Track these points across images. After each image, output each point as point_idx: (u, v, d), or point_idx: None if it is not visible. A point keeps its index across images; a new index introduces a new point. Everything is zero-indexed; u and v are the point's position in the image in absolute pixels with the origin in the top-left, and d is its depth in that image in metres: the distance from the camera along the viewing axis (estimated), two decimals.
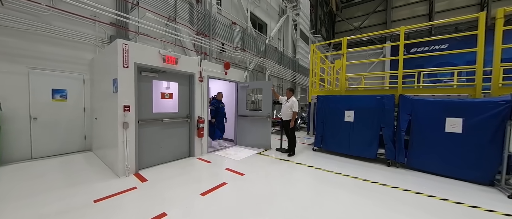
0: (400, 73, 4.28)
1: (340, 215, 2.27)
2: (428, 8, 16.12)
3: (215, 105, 5.06)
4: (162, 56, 3.59)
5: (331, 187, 3.02)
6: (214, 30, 7.24)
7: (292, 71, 12.26)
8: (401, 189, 2.97)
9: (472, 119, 3.27)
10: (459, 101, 3.44)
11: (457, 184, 3.21)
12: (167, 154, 3.95)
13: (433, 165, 3.59)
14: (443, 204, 2.58)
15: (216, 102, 5.13)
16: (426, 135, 3.66)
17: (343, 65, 5.08)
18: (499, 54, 3.52)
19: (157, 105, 4.18)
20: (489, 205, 2.54)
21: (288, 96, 4.74)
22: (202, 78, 4.34)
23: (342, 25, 20.16)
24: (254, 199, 2.57)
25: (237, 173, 3.48)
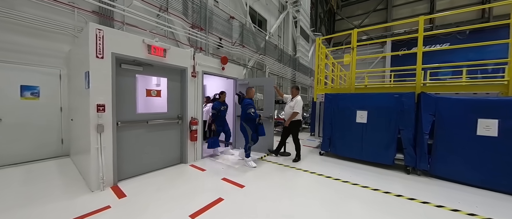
0: (419, 68, 3.80)
1: None
2: (429, 6, 15.86)
3: (216, 109, 4.22)
4: (147, 46, 3.04)
5: (350, 203, 2.51)
6: (210, 23, 6.70)
7: (292, 69, 11.78)
8: (433, 205, 2.47)
9: (506, 122, 2.80)
10: (494, 99, 2.97)
11: (496, 197, 2.74)
12: (154, 162, 3.39)
13: (462, 173, 3.11)
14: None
15: (218, 104, 4.27)
16: (453, 139, 3.18)
17: (353, 60, 4.59)
18: None
19: (142, 104, 3.63)
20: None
21: (294, 94, 4.22)
22: (195, 73, 3.80)
23: (342, 23, 19.79)
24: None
25: (236, 184, 2.95)
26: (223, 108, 4.34)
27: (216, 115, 4.25)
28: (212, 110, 4.21)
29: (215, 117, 4.23)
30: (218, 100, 4.38)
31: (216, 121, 4.28)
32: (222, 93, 4.40)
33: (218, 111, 4.24)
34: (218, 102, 4.33)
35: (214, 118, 4.23)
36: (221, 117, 4.33)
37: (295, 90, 4.22)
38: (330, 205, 2.43)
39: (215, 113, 4.21)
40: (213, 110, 4.20)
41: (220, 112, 4.28)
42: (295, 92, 4.21)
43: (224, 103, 4.40)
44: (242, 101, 3.85)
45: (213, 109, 4.21)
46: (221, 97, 4.38)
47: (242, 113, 3.85)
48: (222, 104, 4.34)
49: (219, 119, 4.31)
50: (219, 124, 4.34)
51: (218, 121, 4.31)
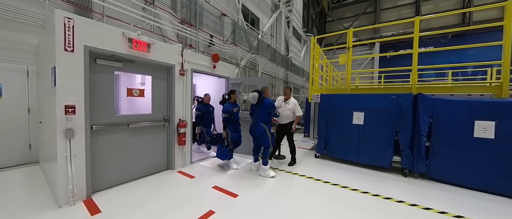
0: (415, 69, 3.76)
1: None
2: (414, 11, 16.46)
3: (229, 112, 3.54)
4: (128, 39, 2.70)
5: (351, 213, 2.34)
6: (201, 19, 6.36)
7: (285, 69, 11.67)
8: (436, 211, 2.37)
9: (507, 123, 2.78)
10: (490, 101, 2.95)
11: (496, 200, 2.69)
12: (137, 169, 3.05)
13: (460, 176, 3.07)
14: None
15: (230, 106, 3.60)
16: (450, 141, 3.14)
17: (349, 60, 4.49)
18: None
19: (122, 105, 3.26)
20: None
21: (288, 95, 4.01)
22: (183, 71, 3.48)
23: (333, 25, 20.08)
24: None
25: (228, 193, 2.69)
26: (235, 110, 3.65)
27: (229, 119, 3.52)
28: (224, 113, 3.47)
29: (228, 121, 3.51)
30: (228, 101, 3.68)
31: (229, 126, 3.57)
32: (233, 92, 3.70)
33: (230, 114, 3.50)
34: (229, 103, 3.61)
35: (227, 122, 3.51)
36: (233, 121, 3.63)
37: (289, 90, 4.02)
38: (330, 214, 2.25)
39: (227, 116, 3.47)
40: (225, 114, 3.46)
41: (233, 115, 3.56)
42: (289, 93, 4.00)
43: (235, 104, 3.75)
44: (263, 101, 3.38)
45: (225, 112, 3.47)
46: (232, 97, 3.68)
47: (263, 115, 3.37)
48: (233, 105, 3.65)
49: (232, 123, 3.60)
50: (233, 129, 3.63)
51: (231, 125, 3.60)
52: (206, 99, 4.46)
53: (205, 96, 4.47)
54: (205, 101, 4.44)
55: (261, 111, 3.40)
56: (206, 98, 4.47)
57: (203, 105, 4.38)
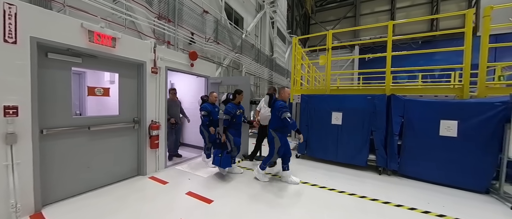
0: (388, 71, 3.93)
1: None
2: (389, 17, 17.58)
3: (231, 113, 3.26)
4: (88, 31, 2.41)
5: (328, 211, 2.33)
6: (180, 15, 6.05)
7: (269, 69, 11.69)
8: (407, 208, 2.45)
9: (467, 122, 2.99)
10: (454, 102, 3.17)
11: (454, 193, 2.88)
12: (100, 177, 2.75)
13: (428, 172, 3.25)
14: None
15: (233, 107, 3.31)
16: (419, 140, 3.31)
17: (328, 61, 4.57)
18: (485, 54, 3.37)
19: (82, 106, 2.95)
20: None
21: None
22: (156, 69, 3.24)
23: (316, 27, 20.66)
24: None
25: (203, 199, 2.53)
26: (239, 112, 3.37)
27: (231, 122, 3.25)
28: (226, 115, 3.21)
29: (229, 124, 3.24)
30: (231, 101, 3.36)
31: (230, 130, 3.27)
32: (239, 93, 3.38)
33: (232, 116, 3.24)
34: (232, 104, 3.31)
35: (228, 125, 3.23)
36: (236, 124, 3.35)
37: (273, 91, 3.96)
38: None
39: (229, 119, 3.21)
40: (227, 115, 3.20)
41: (235, 117, 3.29)
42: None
43: (239, 106, 3.43)
44: (274, 104, 3.01)
45: (227, 113, 3.21)
46: (237, 97, 3.36)
47: (274, 120, 3.02)
48: (237, 106, 3.34)
49: (234, 127, 3.31)
50: (236, 133, 3.34)
51: (232, 129, 3.29)
52: (212, 98, 3.81)
53: (211, 94, 3.83)
54: (211, 100, 3.80)
55: (273, 115, 3.07)
56: (212, 96, 3.82)
57: (208, 105, 3.73)
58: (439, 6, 15.13)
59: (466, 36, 3.44)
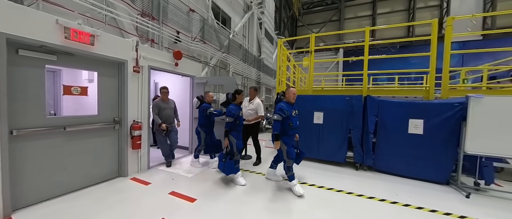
0: (365, 73, 4.20)
1: None
2: (371, 22, 18.55)
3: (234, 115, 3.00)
4: (64, 28, 2.33)
5: (305, 207, 2.47)
6: (165, 13, 5.93)
7: (257, 70, 11.81)
8: (377, 200, 2.67)
9: (431, 121, 3.32)
10: (421, 102, 3.48)
11: (420, 185, 3.19)
12: (78, 179, 2.65)
13: (398, 166, 3.54)
14: (405, 210, 2.42)
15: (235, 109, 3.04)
16: (391, 137, 3.60)
17: (311, 63, 4.77)
18: (448, 60, 3.74)
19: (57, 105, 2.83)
20: (447, 208, 2.48)
21: (252, 96, 4.02)
22: (138, 68, 3.18)
23: (303, 30, 21.21)
24: None
25: (186, 198, 2.55)
26: (241, 114, 3.15)
27: (234, 124, 2.98)
28: (228, 117, 2.95)
29: (231, 126, 2.98)
30: (233, 102, 3.11)
31: (232, 132, 3.00)
32: (239, 93, 3.11)
33: (236, 118, 2.97)
34: (234, 105, 3.05)
35: (231, 128, 2.99)
36: (238, 126, 3.08)
37: (254, 91, 4.05)
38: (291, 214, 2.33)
39: (232, 121, 2.95)
40: (230, 118, 2.94)
41: (238, 119, 3.03)
42: (254, 94, 4.01)
43: (240, 107, 3.20)
44: (275, 106, 2.87)
45: (230, 115, 2.93)
46: (238, 98, 3.09)
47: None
48: (239, 108, 3.10)
49: (236, 129, 3.04)
50: (238, 136, 3.07)
51: (234, 132, 3.02)
52: (208, 98, 3.72)
53: (207, 94, 3.75)
54: (207, 100, 3.71)
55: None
56: (208, 96, 3.73)
57: (208, 104, 3.68)
58: (415, 14, 16.27)
59: (432, 43, 3.80)
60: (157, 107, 3.56)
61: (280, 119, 2.69)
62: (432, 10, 16.21)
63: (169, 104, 3.73)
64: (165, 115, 3.60)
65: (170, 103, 3.75)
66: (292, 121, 2.76)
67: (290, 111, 2.75)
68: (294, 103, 2.86)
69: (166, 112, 3.62)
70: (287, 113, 2.70)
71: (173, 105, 3.80)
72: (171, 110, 3.73)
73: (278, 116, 2.67)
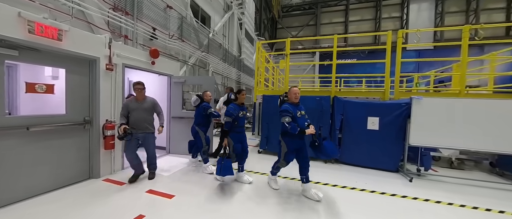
0: (334, 76, 4.68)
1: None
2: (344, 29, 20.05)
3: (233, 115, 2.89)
4: (27, 22, 2.19)
5: (281, 198, 2.73)
6: (140, 9, 5.72)
7: (237, 70, 11.93)
8: (340, 187, 3.07)
9: (385, 118, 3.88)
10: (377, 103, 4.03)
11: (375, 173, 3.71)
12: (43, 181, 2.50)
13: (360, 158, 4.04)
14: (362, 195, 2.87)
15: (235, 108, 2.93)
16: (353, 133, 4.09)
17: (287, 66, 5.11)
18: (399, 66, 4.38)
19: (19, 104, 2.65)
20: (394, 190, 3.00)
21: None
22: (112, 66, 3.09)
23: (282, 32, 21.93)
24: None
25: (164, 195, 2.61)
26: (241, 114, 2.97)
27: (232, 125, 2.88)
28: (226, 117, 2.84)
29: (230, 127, 2.88)
30: (233, 102, 3.00)
31: (231, 134, 2.90)
32: (240, 92, 2.99)
33: (234, 119, 2.86)
34: (234, 104, 2.93)
35: (229, 128, 2.87)
36: (238, 128, 2.96)
37: (230, 91, 4.20)
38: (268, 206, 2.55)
39: (230, 121, 2.84)
40: (228, 117, 2.82)
41: (237, 120, 2.91)
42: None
43: (242, 107, 3.04)
44: (280, 107, 2.75)
45: (228, 115, 2.83)
46: (239, 97, 2.98)
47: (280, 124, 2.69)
48: (240, 107, 2.98)
49: (235, 130, 2.93)
50: (237, 138, 2.94)
51: (234, 133, 2.92)
52: (207, 97, 3.63)
53: (205, 94, 3.65)
54: (206, 99, 3.62)
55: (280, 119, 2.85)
56: (206, 96, 3.63)
57: (208, 104, 3.62)
58: (380, 23, 18.03)
59: (387, 52, 4.40)
60: (126, 108, 2.90)
61: (291, 121, 2.58)
62: (394, 21, 18.13)
63: (144, 104, 3.00)
64: (136, 117, 2.91)
65: (145, 103, 3.03)
66: (298, 122, 2.65)
67: (295, 111, 2.65)
68: (299, 104, 2.75)
69: (137, 114, 2.92)
70: (292, 113, 2.61)
71: (149, 106, 3.05)
72: (146, 111, 3.01)
73: (288, 118, 2.55)
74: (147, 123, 3.04)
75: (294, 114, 2.64)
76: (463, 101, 3.41)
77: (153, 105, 3.13)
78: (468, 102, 3.37)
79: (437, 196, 2.87)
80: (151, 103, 3.12)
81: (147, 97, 3.12)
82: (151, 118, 3.12)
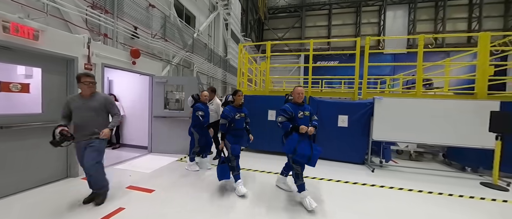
0: (310, 78, 5.05)
1: None
2: (327, 32, 20.96)
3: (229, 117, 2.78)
4: (2, 22, 2.20)
5: (260, 187, 2.97)
6: (121, 7, 5.66)
7: (223, 70, 12.03)
8: (311, 178, 3.39)
9: (353, 116, 4.30)
10: (346, 102, 4.46)
11: (344, 166, 4.12)
12: (18, 180, 2.50)
13: (331, 153, 4.42)
14: (331, 184, 3.22)
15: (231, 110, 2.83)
16: (326, 130, 4.47)
17: (267, 67, 5.39)
18: (366, 69, 4.85)
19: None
20: (357, 179, 3.40)
21: (211, 97, 4.26)
22: (90, 65, 3.13)
23: (269, 33, 22.35)
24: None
25: (144, 190, 2.73)
26: (238, 117, 2.83)
27: (228, 127, 2.79)
28: (222, 119, 2.78)
29: (226, 129, 2.80)
30: (230, 104, 2.91)
31: (228, 136, 2.81)
32: (235, 93, 2.89)
33: (230, 121, 2.77)
34: (230, 106, 2.86)
35: (225, 131, 2.80)
36: (235, 130, 2.86)
37: (211, 92, 4.27)
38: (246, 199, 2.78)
39: (225, 124, 2.76)
40: (223, 120, 2.76)
41: (233, 122, 2.81)
42: (212, 95, 4.25)
43: (241, 109, 2.93)
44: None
45: (223, 117, 2.77)
46: (236, 99, 2.87)
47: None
48: (236, 109, 2.85)
49: (232, 133, 2.84)
50: (234, 141, 2.83)
51: (230, 135, 2.82)
52: (203, 98, 3.61)
53: (202, 94, 3.64)
54: (202, 99, 3.62)
55: None
56: (203, 96, 3.62)
57: (202, 105, 3.56)
58: (360, 28, 19.10)
59: (356, 57, 4.85)
60: (67, 106, 2.26)
61: (284, 120, 2.51)
62: (373, 26, 19.31)
63: (92, 101, 2.30)
64: (79, 119, 2.26)
65: (94, 100, 2.31)
66: (298, 123, 2.48)
67: (296, 112, 2.51)
68: (303, 104, 2.63)
69: (81, 115, 2.26)
70: (292, 114, 2.49)
71: (98, 105, 2.32)
72: (94, 112, 2.30)
73: (281, 117, 2.50)
74: (95, 127, 2.28)
75: (295, 115, 2.51)
76: (418, 101, 3.92)
77: (105, 104, 2.36)
78: (422, 102, 3.89)
79: (395, 183, 3.29)
80: (102, 101, 2.35)
81: (97, 93, 2.40)
82: (101, 121, 2.34)
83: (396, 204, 2.63)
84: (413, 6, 17.64)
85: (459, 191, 3.03)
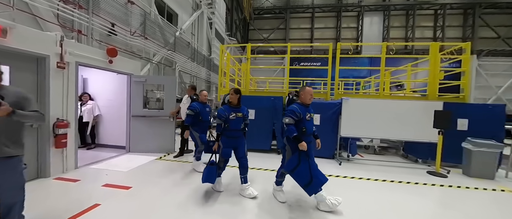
0: (287, 80, 5.38)
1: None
2: (310, 34, 21.77)
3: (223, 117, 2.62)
4: None
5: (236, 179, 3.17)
6: (96, 2, 5.48)
7: (206, 69, 12.00)
8: None
9: (324, 115, 4.70)
10: (318, 102, 4.87)
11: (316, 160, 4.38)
12: None
13: None
14: None
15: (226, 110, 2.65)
16: None
17: (247, 69, 5.61)
18: (338, 72, 5.30)
19: None
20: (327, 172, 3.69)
21: (189, 94, 4.39)
22: (64, 64, 3.08)
23: (254, 33, 22.59)
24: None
25: (121, 187, 2.79)
26: (233, 117, 2.62)
27: (223, 128, 2.63)
28: (217, 120, 2.66)
29: (221, 130, 2.65)
30: (227, 104, 2.73)
31: (222, 137, 2.68)
32: (233, 92, 2.71)
33: (224, 121, 2.61)
34: (226, 106, 2.70)
35: (219, 132, 2.67)
36: (230, 131, 2.65)
37: (191, 89, 4.40)
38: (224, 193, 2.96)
39: (220, 124, 2.62)
40: (218, 120, 2.64)
41: (227, 122, 2.62)
42: (191, 92, 4.35)
43: (238, 109, 2.72)
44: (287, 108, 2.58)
45: (218, 117, 2.65)
46: (232, 99, 2.69)
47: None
48: (232, 110, 2.66)
49: (226, 134, 2.66)
50: (227, 143, 2.68)
51: (224, 136, 2.67)
52: (202, 97, 3.63)
53: (201, 93, 3.67)
54: (201, 99, 3.62)
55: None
56: (202, 95, 3.65)
57: (198, 104, 3.53)
58: (340, 32, 20.12)
59: (329, 60, 5.28)
60: None
61: (292, 122, 2.33)
62: (352, 31, 20.44)
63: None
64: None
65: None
66: (306, 125, 2.39)
67: (304, 113, 2.38)
68: (309, 105, 2.50)
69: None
70: (300, 115, 2.34)
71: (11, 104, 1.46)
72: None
73: (289, 119, 2.31)
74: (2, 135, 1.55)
75: (303, 116, 2.37)
76: (380, 101, 4.43)
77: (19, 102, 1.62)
78: (383, 102, 4.40)
79: (361, 174, 3.70)
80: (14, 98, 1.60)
81: (3, 86, 1.66)
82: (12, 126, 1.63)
83: (363, 193, 3.00)
84: (387, 14, 19.02)
85: (412, 179, 3.54)
